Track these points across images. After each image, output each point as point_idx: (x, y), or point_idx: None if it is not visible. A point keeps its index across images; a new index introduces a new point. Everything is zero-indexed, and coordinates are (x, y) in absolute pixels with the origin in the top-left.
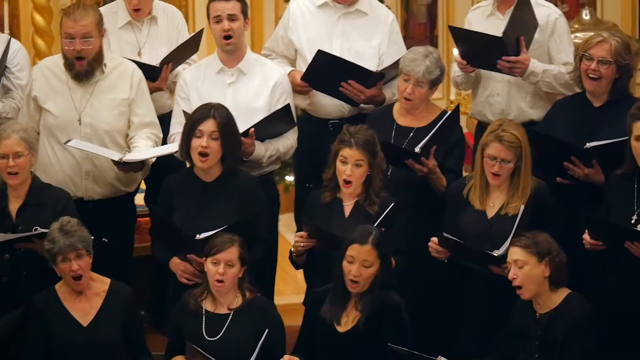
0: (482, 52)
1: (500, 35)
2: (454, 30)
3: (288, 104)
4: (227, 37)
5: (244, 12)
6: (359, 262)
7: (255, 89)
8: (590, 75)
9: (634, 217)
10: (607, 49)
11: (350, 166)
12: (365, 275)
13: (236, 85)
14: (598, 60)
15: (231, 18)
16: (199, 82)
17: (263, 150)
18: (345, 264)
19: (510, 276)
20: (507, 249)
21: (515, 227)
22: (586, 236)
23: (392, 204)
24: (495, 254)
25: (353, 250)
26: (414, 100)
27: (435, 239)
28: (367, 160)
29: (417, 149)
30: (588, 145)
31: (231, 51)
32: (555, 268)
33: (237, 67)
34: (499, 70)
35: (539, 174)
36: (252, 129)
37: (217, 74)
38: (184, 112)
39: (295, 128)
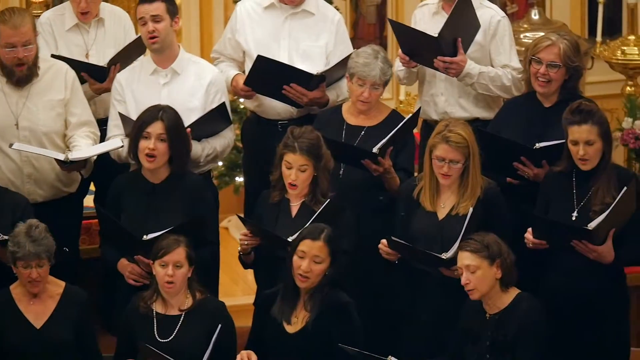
0: (420, 48)
1: (436, 35)
2: (393, 24)
3: (223, 103)
4: (152, 38)
5: (170, 11)
6: (310, 258)
7: (189, 89)
8: (540, 79)
9: (574, 215)
10: (556, 53)
11: (294, 171)
12: (315, 272)
13: (170, 85)
14: (547, 64)
15: (155, 19)
16: (134, 84)
17: (200, 149)
18: (295, 258)
19: (463, 282)
20: (456, 252)
21: (463, 229)
22: (528, 235)
23: (328, 200)
24: (443, 257)
25: (305, 245)
26: (371, 102)
27: (384, 241)
28: (312, 164)
29: (375, 149)
30: (537, 145)
31: (158, 51)
32: (506, 269)
33: (171, 68)
34: (437, 69)
35: (489, 174)
36: (189, 129)
37: (151, 75)
38: (121, 114)
39: (232, 126)
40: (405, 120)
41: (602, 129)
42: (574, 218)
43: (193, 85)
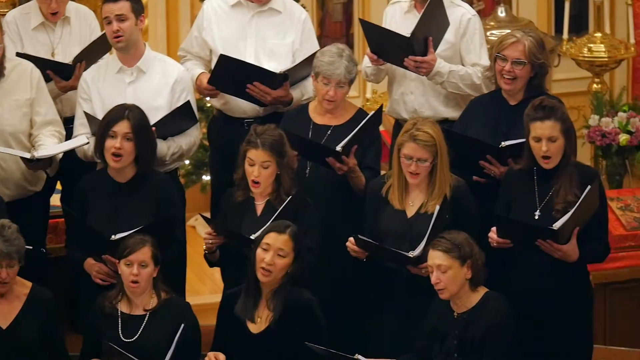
0: (390, 47)
1: (408, 34)
2: (364, 24)
3: (188, 101)
4: (117, 37)
5: (136, 10)
6: (274, 251)
7: (155, 87)
8: (505, 76)
9: (537, 214)
10: (521, 50)
11: (257, 167)
12: (278, 266)
13: (136, 84)
14: (512, 62)
15: (120, 19)
16: (99, 83)
17: (165, 148)
18: (259, 251)
19: (433, 281)
20: (422, 250)
21: (430, 228)
22: (493, 234)
23: (290, 197)
24: (410, 255)
25: (270, 238)
26: (337, 101)
27: (352, 239)
28: (275, 161)
29: (338, 148)
30: (503, 144)
31: (123, 50)
32: (476, 270)
33: (137, 66)
34: (407, 67)
35: (457, 172)
36: (154, 128)
37: (117, 74)
38: (86, 114)
39: (198, 124)
40: (367, 118)
41: (565, 125)
42: (536, 217)
43: (159, 84)
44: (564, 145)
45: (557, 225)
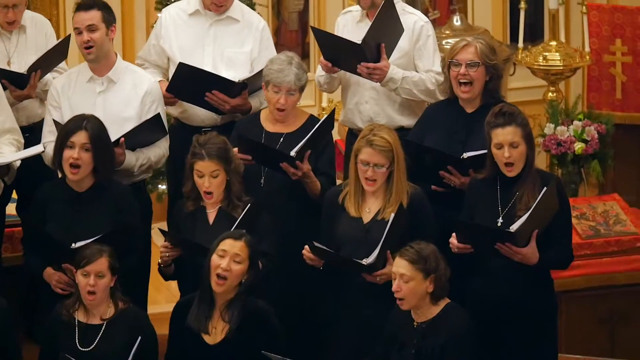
0: (343, 55)
1: (360, 41)
2: (316, 31)
3: (159, 113)
4: (88, 48)
5: (107, 20)
6: (230, 257)
7: (125, 98)
8: (461, 81)
9: (499, 221)
10: (473, 52)
11: (207, 178)
12: (234, 272)
13: (106, 94)
14: (466, 64)
15: (90, 29)
16: (69, 91)
17: (134, 159)
18: (215, 258)
19: (394, 288)
20: (377, 257)
21: (384, 236)
22: (453, 240)
23: (249, 205)
24: (364, 263)
25: (225, 244)
26: (287, 109)
27: (307, 247)
28: (223, 168)
29: (292, 153)
30: (465, 155)
31: (93, 61)
32: (439, 284)
33: (107, 76)
34: (360, 75)
35: (415, 181)
36: (123, 138)
37: (88, 83)
38: (55, 122)
39: (167, 137)
40: (320, 122)
41: (526, 131)
42: (499, 224)
43: (129, 95)
44: (526, 151)
45: (514, 227)
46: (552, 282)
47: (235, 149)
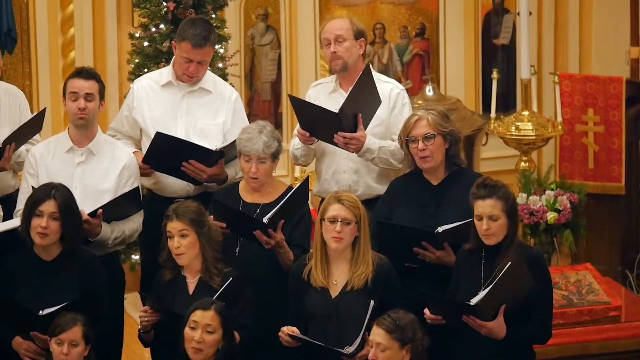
0: (320, 124)
1: (336, 111)
2: (293, 100)
3: (137, 187)
4: (81, 114)
5: (101, 93)
6: (202, 328)
7: (103, 170)
8: (421, 156)
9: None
10: (426, 125)
11: (176, 238)
12: (208, 342)
13: (85, 165)
14: (423, 138)
15: (88, 98)
16: (48, 159)
17: (109, 231)
18: (187, 330)
19: (370, 357)
20: (358, 347)
21: (364, 326)
22: (426, 311)
23: (231, 278)
24: (346, 352)
25: (196, 315)
26: (260, 178)
27: (285, 329)
28: (193, 230)
29: (265, 220)
30: (440, 229)
31: (82, 127)
32: (416, 354)
33: (87, 147)
34: (337, 144)
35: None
36: (101, 210)
37: (67, 153)
38: (33, 188)
39: (142, 211)
40: (293, 189)
41: (507, 204)
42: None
43: (107, 167)
44: (506, 224)
45: (474, 300)
46: (534, 355)
47: (211, 217)
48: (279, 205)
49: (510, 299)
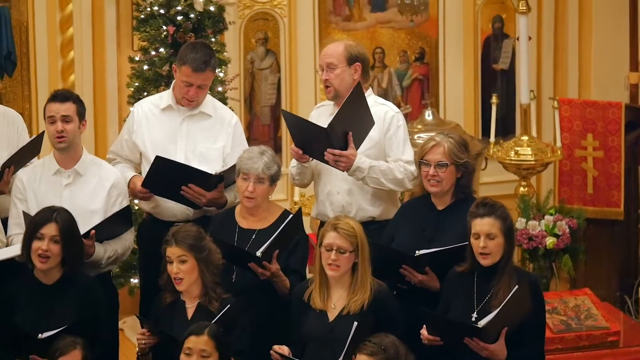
0: (312, 140)
1: (326, 126)
2: (286, 115)
3: (128, 206)
4: (60, 137)
5: (80, 113)
6: (197, 354)
7: (91, 191)
8: (430, 180)
9: (474, 315)
10: (442, 152)
11: (175, 264)
12: None
13: (73, 187)
14: (435, 165)
15: (65, 120)
16: (35, 183)
17: (102, 251)
18: (183, 357)
19: None
20: None
21: (348, 343)
22: (424, 331)
23: (229, 305)
24: None
25: (190, 342)
26: (256, 198)
27: (277, 347)
28: (192, 256)
29: (258, 253)
30: (417, 252)
31: (64, 150)
32: None
33: (74, 169)
34: (327, 162)
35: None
36: (93, 231)
37: (54, 176)
38: (24, 213)
39: (132, 229)
40: (285, 222)
41: (505, 225)
42: (473, 319)
43: (95, 188)
44: (503, 245)
45: (482, 322)
46: None
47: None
48: (271, 239)
49: (512, 323)
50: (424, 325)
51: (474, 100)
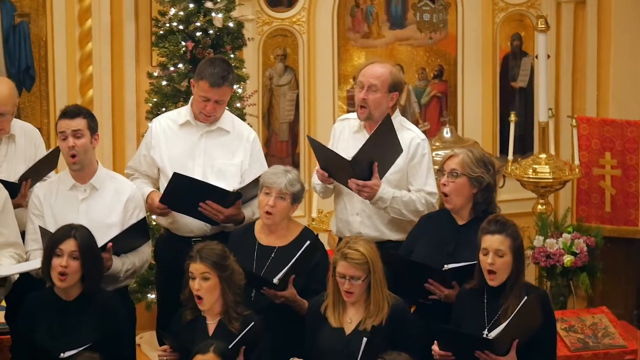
0: (335, 168)
1: (352, 156)
2: (312, 141)
3: (144, 218)
4: (73, 156)
5: (91, 128)
6: None
7: (108, 204)
8: (442, 190)
9: (485, 332)
10: (457, 162)
11: (197, 280)
12: None
13: (89, 201)
14: (448, 173)
15: (76, 135)
16: (52, 199)
17: (120, 264)
18: None
19: None
20: None
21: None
22: (435, 347)
23: (251, 324)
24: None
25: None
26: (275, 214)
27: None
28: (215, 274)
29: (275, 280)
30: (446, 267)
31: (77, 169)
32: None
33: (90, 183)
34: (351, 189)
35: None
36: (110, 244)
37: (70, 190)
38: (41, 228)
39: (149, 242)
40: (302, 249)
41: (515, 243)
42: (484, 335)
43: (111, 201)
44: (511, 263)
45: (492, 334)
46: None
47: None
48: (288, 265)
49: (523, 334)
50: (435, 342)
51: (492, 118)
